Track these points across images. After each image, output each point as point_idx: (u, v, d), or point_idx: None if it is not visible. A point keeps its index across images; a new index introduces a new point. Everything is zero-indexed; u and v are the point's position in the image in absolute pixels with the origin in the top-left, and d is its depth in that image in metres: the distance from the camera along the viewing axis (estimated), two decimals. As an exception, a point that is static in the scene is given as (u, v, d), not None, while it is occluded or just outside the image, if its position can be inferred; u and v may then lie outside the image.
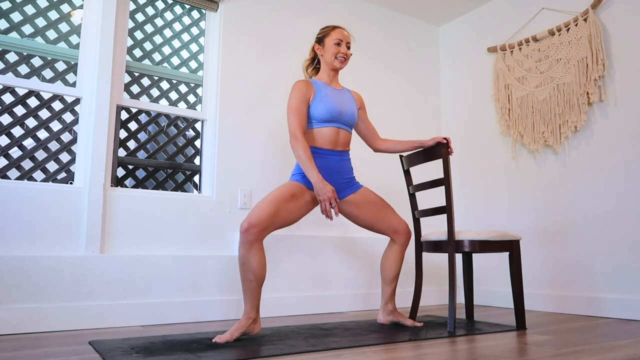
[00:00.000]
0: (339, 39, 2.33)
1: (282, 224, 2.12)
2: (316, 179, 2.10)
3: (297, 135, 2.16)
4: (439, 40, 4.07)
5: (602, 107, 2.91)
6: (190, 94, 3.00)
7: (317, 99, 2.25)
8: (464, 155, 3.74)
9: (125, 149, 2.75)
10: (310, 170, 2.11)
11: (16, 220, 2.31)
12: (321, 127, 2.26)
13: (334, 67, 2.35)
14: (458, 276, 3.52)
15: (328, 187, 2.10)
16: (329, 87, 2.32)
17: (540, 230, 3.16)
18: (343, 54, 2.33)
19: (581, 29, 3.00)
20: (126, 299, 2.44)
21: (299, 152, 2.14)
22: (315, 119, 2.25)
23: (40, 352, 1.76)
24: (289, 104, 2.22)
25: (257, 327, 2.03)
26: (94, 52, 2.63)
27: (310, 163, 2.12)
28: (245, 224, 1.99)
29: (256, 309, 2.02)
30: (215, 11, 3.07)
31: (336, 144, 2.29)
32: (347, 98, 2.36)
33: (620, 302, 2.70)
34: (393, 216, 2.38)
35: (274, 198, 2.09)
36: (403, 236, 2.37)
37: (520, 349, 1.81)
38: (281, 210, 2.08)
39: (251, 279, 2.00)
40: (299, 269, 2.98)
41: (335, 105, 2.26)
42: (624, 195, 2.76)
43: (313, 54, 2.43)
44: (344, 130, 2.32)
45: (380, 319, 2.41)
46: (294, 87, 2.26)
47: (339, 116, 2.27)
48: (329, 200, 2.09)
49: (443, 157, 2.35)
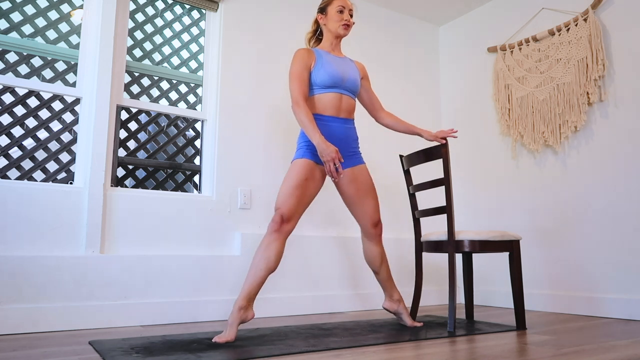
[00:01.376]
0: (342, 6, 2.34)
1: (305, 208, 2.18)
2: (319, 140, 2.09)
3: (299, 101, 2.16)
4: (439, 40, 4.07)
5: (602, 107, 2.91)
6: (190, 94, 3.00)
7: (318, 65, 2.26)
8: (464, 155, 3.74)
9: (125, 149, 2.75)
10: (312, 133, 2.11)
11: (16, 220, 2.31)
12: (323, 92, 2.26)
13: (337, 34, 2.36)
14: (458, 276, 3.53)
15: (331, 148, 2.08)
16: (330, 55, 2.33)
17: (540, 230, 3.17)
18: (346, 21, 2.34)
19: (581, 29, 3.00)
20: (126, 299, 2.44)
21: (301, 117, 2.13)
22: (317, 84, 2.25)
23: (40, 352, 1.76)
24: (291, 71, 2.23)
25: (250, 314, 2.01)
26: (94, 52, 2.63)
27: (313, 126, 2.11)
28: (278, 217, 2.06)
29: (249, 298, 2.00)
30: (215, 11, 3.07)
31: (339, 110, 2.28)
32: (349, 65, 2.36)
33: (620, 302, 2.70)
34: (374, 205, 2.34)
35: (297, 184, 2.12)
36: (377, 229, 2.34)
37: (520, 349, 1.81)
38: (304, 196, 2.15)
39: (262, 268, 2.01)
40: (299, 269, 2.98)
41: (336, 70, 2.26)
42: (624, 195, 2.76)
43: (315, 25, 2.44)
44: (347, 97, 2.31)
45: (385, 304, 2.43)
46: (295, 55, 2.26)
47: (341, 82, 2.27)
48: (333, 161, 2.08)
49: (443, 157, 2.35)
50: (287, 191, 2.11)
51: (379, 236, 2.36)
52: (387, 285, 2.41)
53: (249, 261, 2.78)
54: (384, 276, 2.40)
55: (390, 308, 2.42)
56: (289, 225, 2.10)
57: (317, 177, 2.21)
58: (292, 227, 2.11)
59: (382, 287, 2.44)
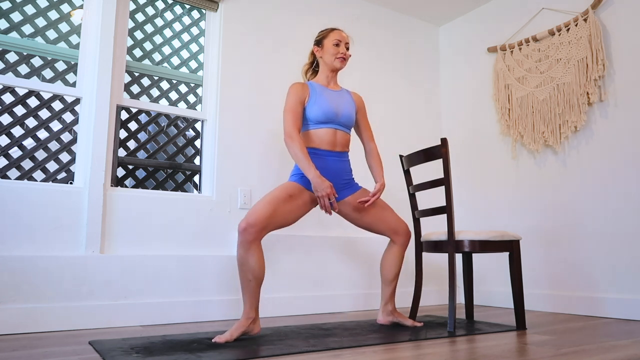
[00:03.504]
0: (338, 39, 2.34)
1: (281, 224, 2.12)
2: (313, 175, 2.10)
3: (292, 134, 2.16)
4: (439, 40, 4.07)
5: (602, 107, 2.91)
6: (190, 94, 3.00)
7: (312, 100, 2.26)
8: (464, 155, 3.74)
9: (125, 149, 2.75)
10: (307, 168, 2.12)
11: (16, 220, 2.31)
12: (318, 128, 2.27)
13: (333, 68, 2.35)
14: (458, 276, 3.53)
15: (326, 183, 2.11)
16: (325, 89, 2.33)
17: (540, 230, 3.17)
18: (342, 54, 2.34)
19: (581, 29, 3.00)
20: (126, 299, 2.44)
21: (295, 151, 2.14)
22: (311, 120, 2.26)
23: (40, 352, 1.76)
24: (285, 105, 2.23)
25: (256, 327, 2.03)
26: (94, 52, 2.63)
27: (307, 160, 2.12)
28: (243, 223, 1.99)
29: (255, 309, 2.02)
30: (215, 11, 3.07)
31: (334, 144, 2.29)
32: (344, 99, 2.36)
33: (620, 302, 2.70)
34: (392, 217, 2.37)
35: (272, 199, 2.09)
36: (402, 237, 2.37)
37: (520, 349, 1.81)
38: (279, 210, 2.08)
39: (250, 279, 2.00)
40: (299, 269, 2.98)
41: (330, 106, 2.26)
42: (624, 195, 2.76)
43: (312, 57, 2.44)
44: (342, 132, 2.32)
45: (380, 320, 2.40)
46: (289, 89, 2.27)
47: (334, 117, 2.27)
48: (328, 197, 2.11)
49: (443, 157, 2.35)
50: (259, 203, 2.06)
51: (407, 242, 2.39)
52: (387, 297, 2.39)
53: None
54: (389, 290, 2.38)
55: (385, 322, 2.39)
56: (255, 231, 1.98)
57: (303, 199, 2.18)
58: (258, 234, 2.00)
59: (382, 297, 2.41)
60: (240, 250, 2.00)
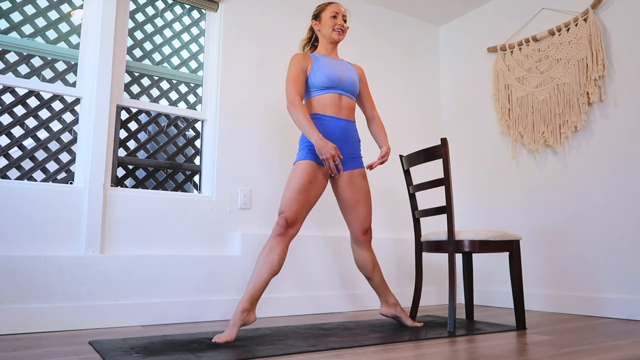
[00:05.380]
0: (335, 11, 2.37)
1: (309, 210, 2.18)
2: (316, 138, 2.10)
3: (294, 101, 2.16)
4: (439, 40, 4.07)
5: (602, 107, 2.91)
6: (190, 94, 3.00)
7: (315, 67, 2.27)
8: (464, 155, 3.74)
9: (125, 149, 2.75)
10: (310, 132, 2.11)
11: (16, 221, 2.31)
12: (322, 93, 2.27)
13: (332, 40, 2.37)
14: (458, 276, 3.53)
15: (329, 145, 2.09)
16: (327, 58, 2.35)
17: (540, 230, 3.16)
18: (340, 26, 2.35)
19: (581, 29, 3.00)
20: (126, 299, 2.44)
21: (297, 116, 2.14)
22: (315, 86, 2.26)
23: (40, 352, 1.76)
24: (287, 74, 2.24)
25: (252, 316, 2.02)
26: (94, 52, 2.63)
27: (310, 124, 2.12)
28: (283, 221, 2.06)
29: (253, 301, 2.01)
30: (215, 11, 3.07)
31: (339, 109, 2.28)
32: (347, 67, 2.37)
33: (620, 302, 2.70)
34: (366, 211, 2.33)
35: (301, 187, 2.12)
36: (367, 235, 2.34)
37: (520, 349, 1.81)
38: (309, 196, 2.15)
39: (266, 270, 2.01)
40: (299, 269, 2.98)
41: (334, 71, 2.27)
42: (623, 195, 2.76)
43: (310, 33, 2.46)
44: (347, 97, 2.32)
45: (382, 310, 2.42)
46: (291, 59, 2.27)
47: (339, 82, 2.28)
48: (332, 159, 2.09)
49: (443, 157, 2.35)
50: (290, 195, 2.11)
51: (368, 242, 2.35)
52: (381, 290, 2.40)
53: (249, 261, 2.79)
54: (378, 281, 2.39)
55: (387, 313, 2.40)
56: (294, 229, 2.11)
57: (320, 178, 2.21)
58: (296, 230, 2.12)
59: (377, 293, 2.42)
60: (273, 242, 2.05)
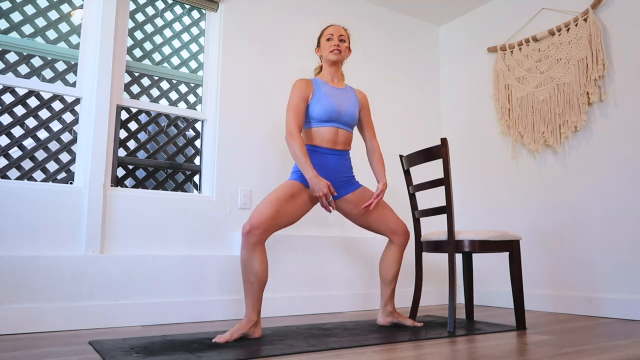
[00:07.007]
0: (330, 34, 2.38)
1: (284, 224, 2.12)
2: (311, 174, 2.11)
3: (293, 133, 2.17)
4: (439, 40, 4.07)
5: (602, 107, 2.91)
6: (190, 94, 3.00)
7: (315, 98, 2.27)
8: (464, 155, 3.74)
9: (125, 149, 2.75)
10: (305, 167, 2.12)
11: (16, 220, 2.31)
12: (320, 126, 2.27)
13: (330, 62, 2.37)
14: (458, 276, 3.53)
15: (323, 182, 2.11)
16: (329, 86, 2.33)
17: (540, 230, 3.17)
18: (335, 46, 2.35)
19: (581, 29, 3.00)
20: (126, 299, 2.44)
21: (294, 149, 2.15)
22: (314, 118, 2.27)
23: (40, 352, 1.76)
24: (289, 102, 2.25)
25: (257, 331, 2.01)
26: (94, 52, 2.63)
27: (306, 160, 2.13)
28: (247, 226, 1.99)
29: (257, 312, 2.01)
30: (215, 11, 3.07)
31: (335, 143, 2.29)
32: (348, 97, 2.36)
33: (620, 302, 2.70)
34: (391, 217, 2.37)
35: (274, 199, 2.09)
36: (401, 237, 2.37)
37: (520, 349, 1.81)
38: (282, 210, 2.08)
39: (253, 281, 1.99)
40: (299, 269, 2.98)
41: (333, 105, 2.26)
42: (623, 195, 2.76)
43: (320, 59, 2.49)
44: (344, 130, 2.32)
45: (379, 321, 2.40)
46: (294, 86, 2.28)
47: (337, 116, 2.28)
48: (325, 196, 2.11)
49: (443, 157, 2.35)
50: (262, 204, 2.07)
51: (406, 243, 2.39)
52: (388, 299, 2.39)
53: (249, 261, 2.79)
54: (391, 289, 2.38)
55: (386, 323, 2.38)
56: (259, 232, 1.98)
57: (303, 198, 2.19)
58: (262, 236, 2.00)
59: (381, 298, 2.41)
60: (244, 252, 1.99)
